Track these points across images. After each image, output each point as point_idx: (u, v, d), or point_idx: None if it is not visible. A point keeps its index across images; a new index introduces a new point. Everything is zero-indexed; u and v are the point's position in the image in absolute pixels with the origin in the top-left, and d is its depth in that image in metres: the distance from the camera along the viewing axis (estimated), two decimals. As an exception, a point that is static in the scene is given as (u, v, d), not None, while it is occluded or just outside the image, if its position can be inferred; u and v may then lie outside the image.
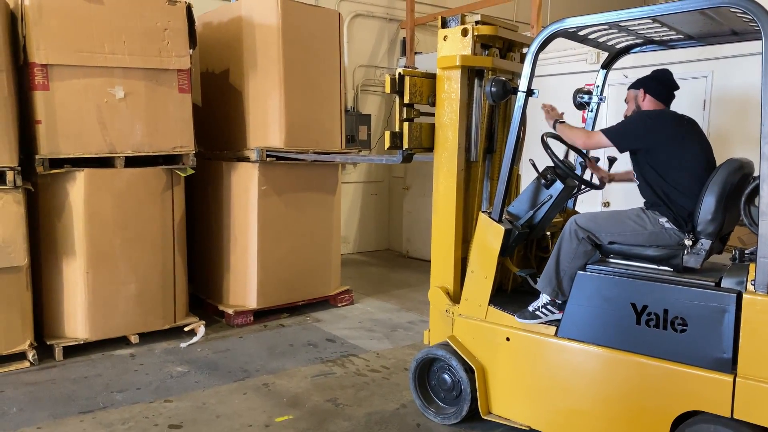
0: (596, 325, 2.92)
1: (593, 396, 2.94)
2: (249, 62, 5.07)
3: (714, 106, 5.07)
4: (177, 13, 4.55)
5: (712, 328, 2.61)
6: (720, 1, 2.55)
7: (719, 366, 2.59)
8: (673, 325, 2.71)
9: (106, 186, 4.39)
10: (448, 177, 3.50)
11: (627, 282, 2.87)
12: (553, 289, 3.09)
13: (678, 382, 2.69)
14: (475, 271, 3.33)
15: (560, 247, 3.08)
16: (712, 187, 2.80)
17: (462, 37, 3.36)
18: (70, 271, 4.38)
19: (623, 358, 2.83)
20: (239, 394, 3.82)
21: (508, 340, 3.20)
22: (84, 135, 4.29)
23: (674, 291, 2.73)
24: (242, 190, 5.13)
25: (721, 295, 2.60)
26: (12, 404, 3.63)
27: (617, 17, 2.88)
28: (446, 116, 3.48)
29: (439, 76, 3.48)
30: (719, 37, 3.30)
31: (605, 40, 3.54)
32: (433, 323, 3.65)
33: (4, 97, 3.99)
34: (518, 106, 3.13)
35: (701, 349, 2.64)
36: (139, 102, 4.47)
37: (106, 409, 3.58)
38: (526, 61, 3.08)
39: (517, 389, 3.21)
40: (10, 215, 4.02)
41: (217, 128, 5.51)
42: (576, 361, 2.99)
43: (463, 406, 3.32)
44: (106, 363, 4.30)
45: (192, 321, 4.91)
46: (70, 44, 4.17)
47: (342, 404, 3.67)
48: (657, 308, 2.74)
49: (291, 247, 5.30)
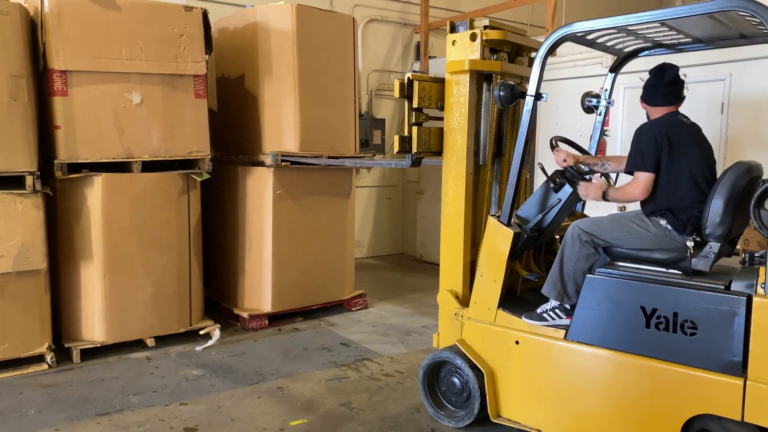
0: (606, 329, 2.91)
1: (602, 399, 2.92)
2: (264, 67, 5.10)
3: (732, 109, 5.02)
4: (193, 20, 4.60)
5: (722, 331, 2.59)
6: (728, 5, 2.51)
7: (729, 369, 2.57)
8: (683, 328, 2.69)
9: (123, 190, 4.43)
10: (457, 181, 3.51)
11: (636, 285, 2.85)
12: (558, 293, 3.09)
13: (688, 385, 2.67)
14: (484, 275, 3.33)
15: (563, 252, 3.09)
16: (721, 190, 2.78)
17: (471, 41, 3.38)
18: (88, 274, 4.43)
19: (633, 362, 2.82)
20: (254, 397, 3.84)
21: (517, 344, 3.19)
22: (102, 140, 4.34)
23: (684, 294, 2.71)
24: (257, 195, 5.16)
25: (732, 298, 2.58)
26: (30, 406, 3.68)
27: (625, 21, 2.85)
28: (455, 120, 3.49)
29: (448, 81, 3.49)
30: (728, 40, 3.26)
31: (613, 44, 3.52)
32: (442, 326, 3.64)
33: (24, 103, 4.06)
34: (527, 110, 3.13)
35: (711, 352, 2.62)
36: (156, 107, 4.52)
37: (123, 412, 3.61)
38: (535, 65, 3.07)
39: (526, 392, 3.20)
40: (30, 219, 4.08)
41: (232, 133, 5.55)
42: (585, 364, 2.98)
43: (474, 407, 3.31)
44: (122, 366, 4.33)
45: (207, 324, 4.94)
46: (88, 51, 4.23)
47: (356, 408, 3.67)
48: (667, 311, 2.73)
49: (305, 251, 5.32)
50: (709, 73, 5.13)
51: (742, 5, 2.47)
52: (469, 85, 3.41)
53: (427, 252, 8.02)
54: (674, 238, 2.89)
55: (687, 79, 5.29)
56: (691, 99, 5.46)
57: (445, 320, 3.61)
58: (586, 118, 4.05)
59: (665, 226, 2.91)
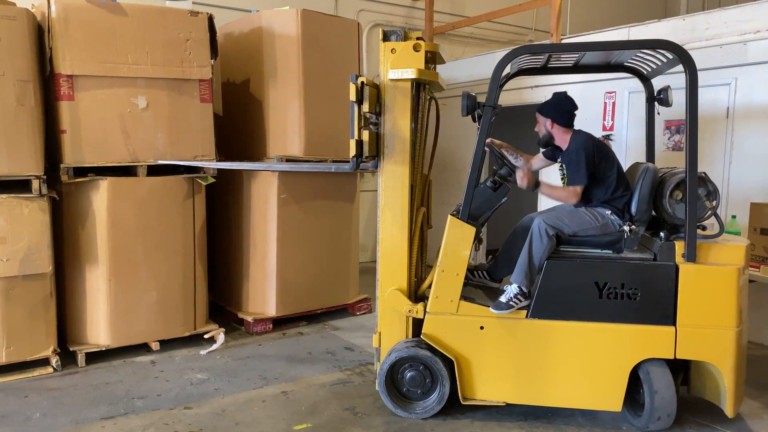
0: (565, 303, 3.44)
1: (563, 362, 3.46)
2: (269, 72, 5.12)
3: (738, 115, 5.00)
4: (199, 24, 4.62)
5: (658, 293, 3.36)
6: (658, 45, 3.34)
7: (664, 320, 3.35)
8: (629, 294, 3.37)
9: (129, 194, 4.45)
10: (402, 183, 3.62)
11: (591, 265, 3.45)
12: (528, 281, 3.49)
13: (634, 338, 3.39)
14: (446, 270, 3.56)
15: (531, 245, 3.48)
16: (645, 186, 3.52)
17: (414, 52, 3.52)
18: (93, 278, 4.44)
19: (589, 326, 3.43)
20: (258, 401, 3.84)
21: (482, 329, 3.53)
22: (107, 144, 4.36)
23: (629, 268, 3.41)
24: (262, 199, 5.17)
25: (666, 266, 3.35)
26: (35, 409, 3.69)
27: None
28: (397, 125, 3.60)
29: (390, 87, 3.59)
30: (597, 68, 4.10)
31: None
32: (385, 326, 3.73)
33: (31, 107, 4.08)
34: (485, 119, 3.44)
35: (650, 310, 3.36)
36: (162, 111, 4.54)
37: (127, 416, 3.62)
38: (492, 79, 3.40)
39: (492, 371, 3.55)
40: (36, 223, 4.10)
41: (237, 137, 5.56)
42: (547, 336, 3.47)
43: (444, 394, 3.56)
44: (127, 369, 4.34)
45: (212, 328, 4.95)
46: (94, 55, 4.26)
47: (360, 413, 3.67)
48: (616, 283, 3.38)
49: (310, 256, 5.32)
50: (714, 78, 5.13)
51: (669, 46, 3.25)
52: (410, 92, 3.57)
53: (431, 256, 7.99)
54: (614, 225, 3.54)
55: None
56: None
57: (388, 319, 3.71)
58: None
59: (609, 216, 3.55)
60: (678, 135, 5.40)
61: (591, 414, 3.67)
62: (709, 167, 5.23)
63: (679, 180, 3.44)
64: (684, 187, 3.37)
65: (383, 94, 3.60)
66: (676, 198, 3.46)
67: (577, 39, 6.20)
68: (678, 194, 3.46)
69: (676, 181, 3.45)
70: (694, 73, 3.20)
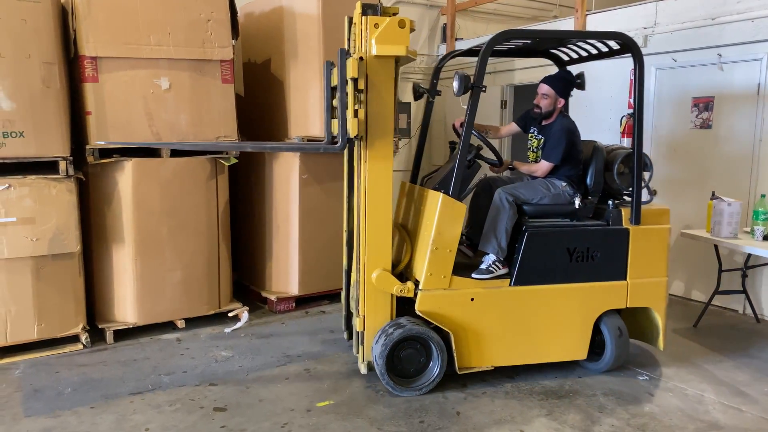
0: (542, 270, 3.80)
1: (542, 322, 3.84)
2: (290, 52, 5.10)
3: (769, 90, 4.87)
4: (220, 5, 4.62)
5: (613, 253, 3.87)
6: (611, 36, 3.78)
7: (618, 277, 3.89)
8: (592, 257, 3.84)
9: (153, 175, 4.51)
10: (384, 162, 3.60)
11: (563, 234, 3.82)
12: (499, 248, 3.76)
13: (597, 294, 3.89)
14: (439, 248, 3.63)
15: (497, 214, 3.78)
16: (599, 162, 3.98)
17: (399, 28, 3.45)
18: (120, 257, 4.53)
19: (563, 287, 3.84)
20: (281, 378, 3.90)
21: (472, 300, 3.71)
22: (131, 125, 4.41)
23: (592, 233, 3.85)
24: (284, 179, 5.19)
25: (621, 230, 3.88)
26: (67, 385, 3.80)
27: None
28: (382, 102, 3.54)
29: (372, 63, 3.49)
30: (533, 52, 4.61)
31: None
32: (371, 308, 3.71)
33: (57, 90, 4.13)
34: (474, 99, 3.56)
35: (608, 269, 3.88)
36: (184, 92, 4.57)
37: (155, 391, 3.71)
38: (480, 60, 3.54)
39: (481, 339, 3.76)
40: (63, 204, 4.18)
41: (259, 117, 5.58)
42: (529, 300, 3.80)
43: (442, 367, 3.66)
44: (153, 347, 4.44)
45: (236, 307, 5.02)
46: (117, 37, 4.28)
47: (382, 391, 3.70)
48: (582, 248, 3.83)
49: (332, 235, 5.34)
50: (745, 53, 4.98)
51: (621, 37, 3.71)
52: (394, 68, 3.54)
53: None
54: (567, 195, 3.94)
55: (722, 59, 5.17)
56: (723, 79, 5.33)
57: (373, 302, 3.71)
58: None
59: (564, 187, 3.94)
60: (707, 112, 5.28)
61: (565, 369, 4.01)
62: (737, 147, 5.12)
63: (625, 155, 3.97)
64: (630, 162, 3.90)
65: (367, 71, 3.48)
66: (619, 171, 3.97)
67: (594, 15, 6.05)
68: (621, 167, 3.97)
69: (621, 157, 3.97)
70: (641, 62, 3.74)
